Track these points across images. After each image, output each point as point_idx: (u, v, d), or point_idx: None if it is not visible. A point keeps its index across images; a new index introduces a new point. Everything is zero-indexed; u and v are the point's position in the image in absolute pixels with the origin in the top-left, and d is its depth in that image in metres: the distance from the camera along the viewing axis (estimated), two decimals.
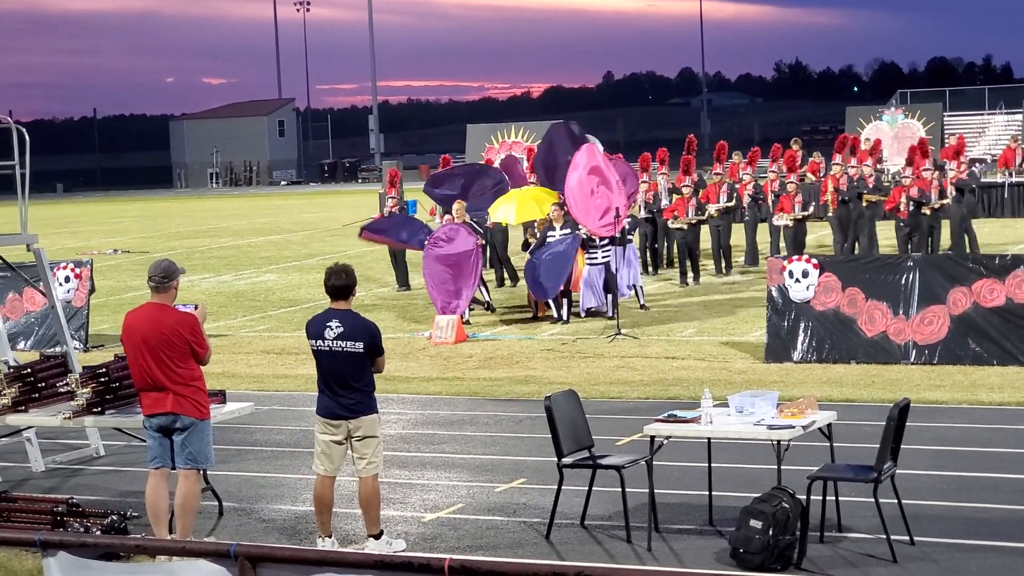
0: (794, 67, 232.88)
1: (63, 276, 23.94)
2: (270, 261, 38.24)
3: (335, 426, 11.44)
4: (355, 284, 11.58)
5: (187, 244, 45.21)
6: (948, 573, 10.51)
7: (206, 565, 5.94)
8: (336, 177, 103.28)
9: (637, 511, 11.85)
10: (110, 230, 54.65)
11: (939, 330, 18.73)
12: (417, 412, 17.59)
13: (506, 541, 11.80)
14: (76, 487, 14.20)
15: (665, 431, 11.68)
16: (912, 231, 28.67)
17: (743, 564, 10.77)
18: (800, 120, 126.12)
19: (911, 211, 28.56)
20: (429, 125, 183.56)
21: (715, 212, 29.28)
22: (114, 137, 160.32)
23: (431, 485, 13.87)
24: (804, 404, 11.74)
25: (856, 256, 25.22)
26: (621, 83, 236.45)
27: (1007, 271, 18.48)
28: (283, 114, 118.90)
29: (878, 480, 10.92)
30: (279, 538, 12.19)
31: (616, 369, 19.58)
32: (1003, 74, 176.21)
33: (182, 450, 11.53)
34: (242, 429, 16.51)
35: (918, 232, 28.69)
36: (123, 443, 15.71)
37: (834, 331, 19.25)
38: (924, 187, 28.82)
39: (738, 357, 20.02)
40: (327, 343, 11.29)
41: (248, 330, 25.29)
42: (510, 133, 49.20)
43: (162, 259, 11.89)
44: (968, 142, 57.45)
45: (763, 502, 10.93)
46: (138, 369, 11.54)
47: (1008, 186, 40.08)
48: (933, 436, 14.82)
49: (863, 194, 30.03)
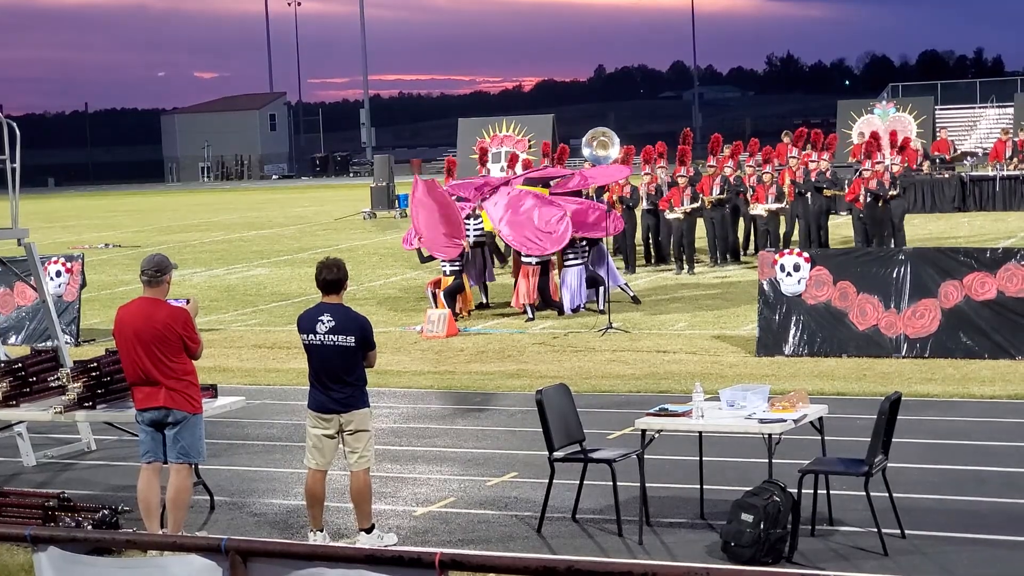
0: (786, 60, 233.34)
1: (54, 271, 23.91)
2: (261, 255, 38.21)
3: (327, 420, 11.44)
4: (347, 278, 11.59)
5: (178, 238, 45.17)
6: (939, 566, 10.52)
7: (197, 560, 5.94)
8: (328, 171, 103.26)
9: (628, 505, 11.85)
10: (101, 224, 54.59)
11: (930, 323, 18.75)
12: (409, 406, 17.59)
13: (497, 535, 11.80)
14: (67, 482, 14.18)
15: (656, 425, 11.68)
16: (869, 223, 29.31)
17: (734, 558, 10.78)
18: (792, 113, 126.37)
19: (867, 203, 29.25)
20: (420, 119, 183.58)
21: (708, 203, 29.45)
22: (105, 131, 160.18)
23: (422, 479, 13.87)
24: (795, 398, 11.75)
25: (848, 250, 25.24)
26: (613, 76, 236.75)
27: (998, 264, 18.50)
28: (274, 108, 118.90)
29: (869, 473, 10.94)
30: (271, 532, 12.20)
31: (607, 363, 19.58)
32: (994, 67, 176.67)
33: (174, 444, 11.53)
34: (234, 423, 16.50)
35: (875, 224, 29.09)
36: (115, 438, 15.70)
37: (825, 325, 19.26)
38: (880, 179, 29.35)
39: (729, 351, 20.03)
40: (318, 337, 11.29)
41: (239, 324, 25.27)
42: (501, 127, 49.19)
43: (154, 253, 11.88)
44: (960, 135, 57.60)
45: (754, 496, 10.94)
46: (130, 363, 11.53)
47: (999, 179, 40.10)
48: (924, 429, 14.84)
49: (822, 188, 30.32)
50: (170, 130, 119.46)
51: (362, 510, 11.54)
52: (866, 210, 29.25)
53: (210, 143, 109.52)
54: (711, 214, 29.78)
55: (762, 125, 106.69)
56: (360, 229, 45.73)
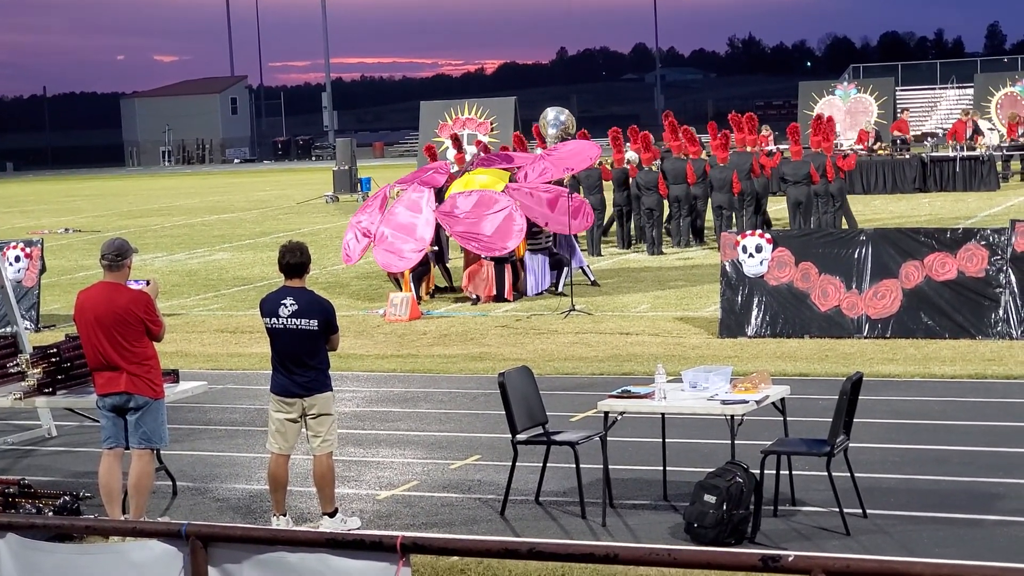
0: (747, 42, 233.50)
1: (13, 256, 23.76)
2: (223, 239, 38.08)
3: (289, 404, 11.41)
4: (309, 262, 11.58)
5: (139, 223, 44.97)
6: (900, 545, 10.57)
7: (158, 545, 5.92)
8: (289, 155, 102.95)
9: (591, 487, 11.86)
10: (61, 209, 54.29)
11: (892, 304, 18.82)
12: (372, 389, 17.56)
13: (461, 518, 11.80)
14: (28, 468, 14.11)
15: (619, 407, 11.69)
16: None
17: (697, 539, 10.81)
18: (753, 95, 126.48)
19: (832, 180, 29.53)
20: (383, 102, 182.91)
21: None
22: (64, 115, 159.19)
23: (386, 463, 13.86)
24: (757, 379, 11.79)
25: (810, 231, 25.29)
26: (575, 59, 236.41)
27: (958, 245, 18.58)
28: (235, 92, 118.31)
29: (831, 454, 10.97)
30: (233, 517, 12.17)
31: (570, 345, 19.59)
32: (954, 49, 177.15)
33: (136, 430, 11.48)
34: (196, 408, 16.44)
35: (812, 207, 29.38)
36: (75, 424, 15.62)
37: (787, 306, 19.32)
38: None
39: (692, 332, 20.07)
40: (281, 321, 11.26)
41: (201, 309, 25.18)
42: (463, 110, 49.07)
43: (115, 238, 11.84)
44: (920, 116, 57.87)
45: (717, 477, 10.97)
46: (91, 349, 11.48)
47: (959, 160, 40.27)
48: (886, 409, 14.90)
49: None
50: (130, 114, 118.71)
51: (325, 494, 11.53)
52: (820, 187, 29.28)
53: (171, 127, 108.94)
54: (676, 194, 29.73)
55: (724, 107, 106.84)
56: (322, 213, 45.60)
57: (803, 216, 29.09)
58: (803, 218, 29.08)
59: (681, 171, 29.53)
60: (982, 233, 18.72)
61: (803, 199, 29.08)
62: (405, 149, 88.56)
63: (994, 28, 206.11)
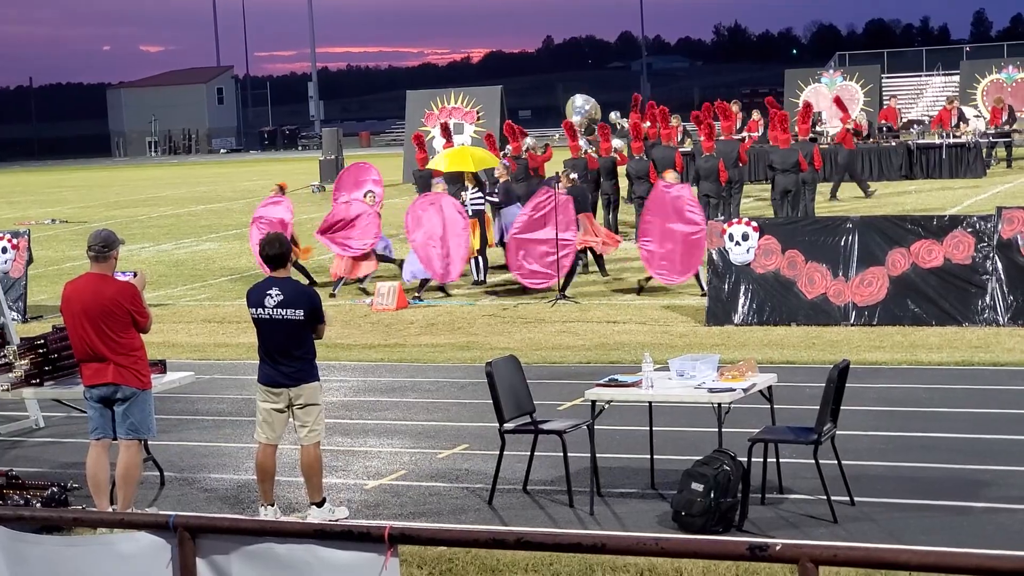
0: (733, 30, 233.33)
1: (0, 247, 23.72)
2: (210, 229, 38.03)
3: (276, 394, 11.41)
4: (290, 251, 11.68)
5: (126, 213, 44.88)
6: (888, 532, 10.59)
7: (145, 537, 5.92)
8: (276, 144, 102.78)
9: (579, 476, 11.88)
10: (48, 200, 54.15)
11: (878, 291, 18.85)
12: (359, 379, 17.56)
13: (449, 507, 11.81)
14: (16, 459, 14.09)
15: (606, 395, 11.71)
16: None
17: (685, 527, 10.83)
18: (740, 83, 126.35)
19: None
20: (369, 92, 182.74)
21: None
22: (51, 106, 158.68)
23: (373, 452, 13.86)
24: (744, 367, 11.80)
25: (796, 218, 25.33)
26: (561, 47, 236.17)
27: (945, 232, 18.61)
28: (222, 81, 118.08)
29: (818, 441, 10.99)
30: (221, 507, 12.16)
31: (557, 334, 19.60)
32: (940, 36, 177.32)
33: (123, 420, 11.47)
34: (183, 399, 16.43)
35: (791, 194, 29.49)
36: (63, 415, 15.59)
37: (774, 293, 19.34)
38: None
39: (679, 320, 20.08)
40: (267, 311, 11.26)
41: (188, 299, 25.16)
42: (450, 99, 49.03)
43: (101, 228, 11.82)
44: (906, 104, 57.87)
45: (704, 465, 10.99)
46: (78, 340, 11.46)
47: (945, 147, 40.29)
48: (873, 397, 14.92)
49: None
50: (116, 104, 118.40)
51: (313, 484, 11.53)
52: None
53: (157, 117, 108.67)
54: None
55: (710, 95, 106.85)
56: (309, 202, 45.50)
57: (791, 204, 29.10)
58: (791, 206, 29.08)
59: (670, 159, 29.52)
60: (968, 220, 18.76)
61: (792, 187, 29.06)
62: (392, 138, 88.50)
63: (980, 15, 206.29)
